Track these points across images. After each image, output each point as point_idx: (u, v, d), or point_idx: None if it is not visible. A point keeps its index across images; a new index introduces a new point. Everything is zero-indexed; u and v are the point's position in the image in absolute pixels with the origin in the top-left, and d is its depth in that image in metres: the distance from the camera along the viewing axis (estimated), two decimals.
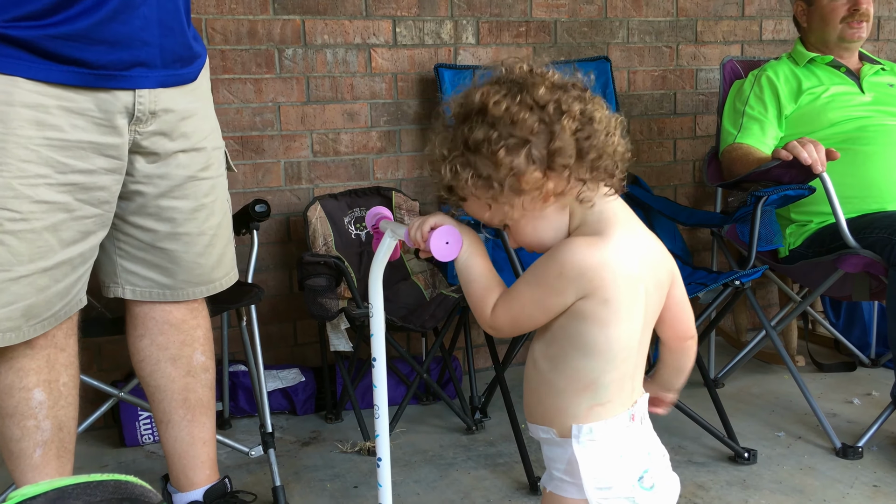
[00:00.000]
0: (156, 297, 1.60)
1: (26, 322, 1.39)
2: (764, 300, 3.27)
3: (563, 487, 1.10)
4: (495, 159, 1.00)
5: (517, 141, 1.00)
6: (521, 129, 1.00)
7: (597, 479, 1.06)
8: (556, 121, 1.00)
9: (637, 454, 1.09)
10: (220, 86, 2.51)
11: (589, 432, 1.06)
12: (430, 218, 1.10)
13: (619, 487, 1.06)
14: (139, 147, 1.48)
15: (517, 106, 1.00)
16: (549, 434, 1.10)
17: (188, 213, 1.56)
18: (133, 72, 1.42)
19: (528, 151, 1.01)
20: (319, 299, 2.28)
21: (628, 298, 1.03)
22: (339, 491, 2.02)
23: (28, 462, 1.47)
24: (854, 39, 2.53)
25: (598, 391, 1.06)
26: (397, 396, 2.47)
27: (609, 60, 2.80)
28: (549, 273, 1.03)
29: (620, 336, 1.04)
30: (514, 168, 1.00)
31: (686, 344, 1.21)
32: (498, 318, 1.08)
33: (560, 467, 1.10)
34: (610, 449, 1.07)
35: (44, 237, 1.38)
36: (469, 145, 1.02)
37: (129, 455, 2.31)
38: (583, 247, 1.02)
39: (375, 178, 2.74)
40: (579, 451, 1.06)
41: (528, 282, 1.06)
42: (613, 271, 1.01)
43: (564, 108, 1.01)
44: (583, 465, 1.06)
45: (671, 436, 2.27)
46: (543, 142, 1.01)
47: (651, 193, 2.69)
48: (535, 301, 1.04)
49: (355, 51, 2.67)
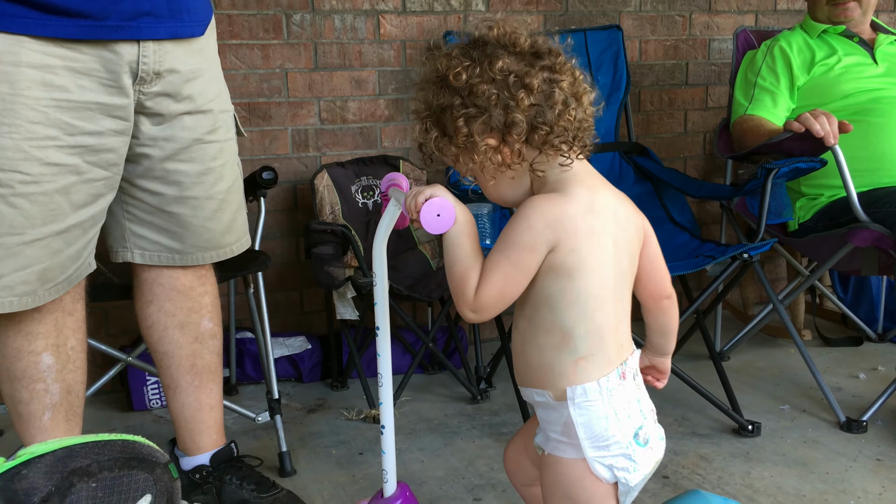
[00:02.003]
0: (165, 261, 1.60)
1: (42, 286, 1.40)
2: (772, 274, 3.26)
3: (561, 448, 1.12)
4: (455, 125, 1.08)
5: (476, 111, 1.07)
6: (480, 99, 1.06)
7: (593, 439, 1.09)
8: (513, 95, 1.06)
9: (631, 412, 1.12)
10: (228, 51, 2.49)
11: (583, 393, 1.09)
12: (426, 189, 1.11)
13: (616, 445, 1.09)
14: (144, 108, 1.47)
15: (477, 78, 1.06)
16: (543, 397, 1.13)
17: (195, 177, 1.55)
18: (138, 22, 1.40)
19: (485, 121, 1.07)
20: (326, 268, 2.29)
21: (595, 249, 1.08)
22: (344, 457, 2.03)
23: (37, 424, 1.49)
24: (841, 19, 2.50)
25: (576, 343, 1.09)
26: (403, 365, 2.48)
27: (621, 29, 2.76)
28: (518, 231, 1.07)
29: (589, 287, 1.08)
30: (470, 135, 1.07)
31: (662, 303, 1.23)
32: (482, 296, 1.09)
33: (557, 429, 1.12)
34: (604, 408, 1.09)
35: (55, 200, 1.38)
36: (435, 108, 1.10)
37: (136, 419, 2.33)
38: (543, 202, 1.08)
39: (383, 147, 2.73)
40: (575, 412, 1.09)
41: (500, 249, 1.09)
42: (574, 223, 1.07)
43: (526, 82, 1.06)
44: (579, 426, 1.09)
45: (675, 407, 2.28)
46: (501, 113, 1.06)
47: (660, 165, 2.67)
48: (513, 263, 1.07)
49: (364, 17, 2.64)
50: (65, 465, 1.00)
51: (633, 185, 2.64)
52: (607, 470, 1.10)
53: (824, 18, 2.53)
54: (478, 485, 1.86)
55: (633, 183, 2.64)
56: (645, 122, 3.04)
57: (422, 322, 2.77)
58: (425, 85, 1.12)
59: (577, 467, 1.11)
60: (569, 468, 1.12)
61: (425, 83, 1.12)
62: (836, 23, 2.52)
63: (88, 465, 1.00)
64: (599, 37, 2.76)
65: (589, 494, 1.12)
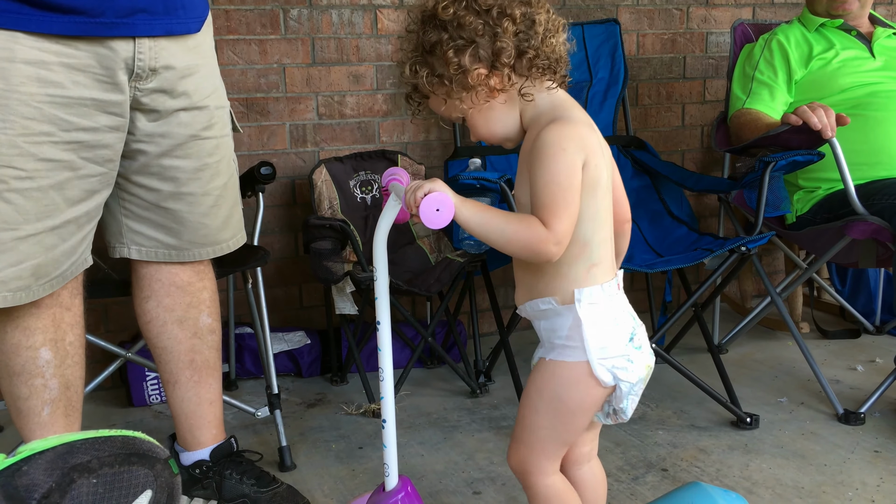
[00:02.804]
0: (161, 257, 1.60)
1: (36, 281, 1.40)
2: (770, 267, 3.27)
3: (565, 353, 1.20)
4: (445, 59, 1.14)
5: (464, 42, 1.14)
6: (467, 31, 1.14)
7: (598, 338, 1.18)
8: (499, 24, 1.13)
9: (625, 318, 1.22)
10: (225, 46, 2.49)
11: (589, 295, 1.18)
12: (425, 184, 1.14)
13: (615, 347, 1.19)
14: (139, 104, 1.47)
15: (464, 10, 1.14)
16: (549, 304, 1.20)
17: (191, 173, 1.55)
18: (134, 18, 1.40)
19: (473, 51, 1.14)
20: (325, 262, 2.29)
21: (604, 163, 1.17)
22: (344, 451, 2.04)
23: (36, 420, 1.49)
24: (840, 12, 2.50)
25: (592, 250, 1.18)
26: (402, 360, 2.48)
27: (618, 23, 2.76)
28: (555, 159, 1.12)
29: (604, 199, 1.18)
30: (461, 66, 1.14)
31: (625, 227, 1.32)
32: (559, 228, 1.11)
33: (562, 334, 1.20)
34: (605, 313, 1.19)
35: (50, 195, 1.38)
36: (425, 47, 1.16)
37: (136, 415, 2.33)
38: (558, 127, 1.13)
39: (381, 142, 2.73)
40: (583, 312, 1.17)
41: (549, 181, 1.12)
42: (590, 140, 1.15)
43: (508, 12, 1.14)
44: (586, 324, 1.17)
45: (674, 400, 2.28)
46: (488, 42, 1.14)
47: (658, 158, 2.67)
48: (566, 187, 1.12)
49: (361, 11, 2.63)
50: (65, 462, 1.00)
51: (632, 179, 2.64)
52: (608, 372, 1.18)
53: (822, 12, 2.53)
54: (477, 478, 1.87)
55: (632, 177, 2.65)
56: (643, 116, 3.04)
57: (421, 316, 2.78)
58: (412, 28, 1.19)
59: (578, 369, 1.19)
60: (569, 370, 1.20)
61: (411, 28, 1.19)
62: (834, 16, 2.52)
63: (89, 462, 1.01)
64: (597, 30, 2.75)
65: (581, 396, 1.20)
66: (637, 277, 2.93)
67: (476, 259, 2.35)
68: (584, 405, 1.21)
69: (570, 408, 1.21)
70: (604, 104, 2.72)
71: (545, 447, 1.24)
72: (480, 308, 2.74)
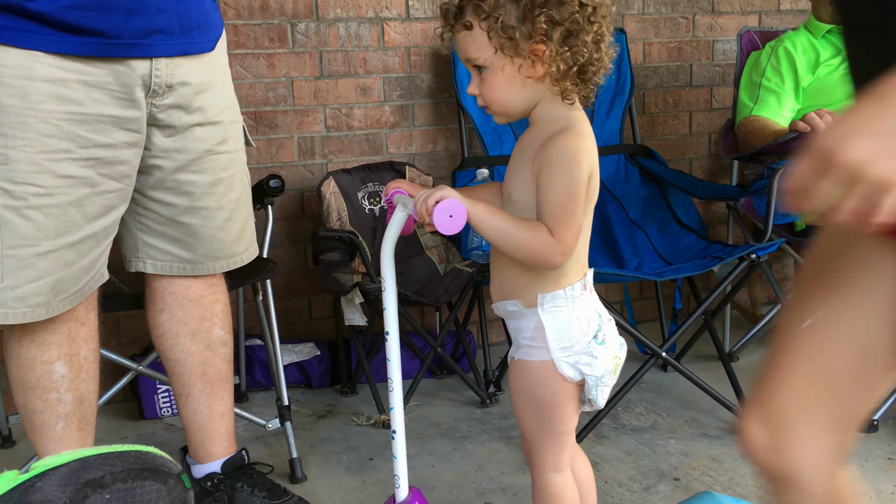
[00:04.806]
0: (176, 271, 1.62)
1: (55, 297, 1.41)
2: (780, 274, 3.25)
3: (531, 352, 1.25)
4: (534, 20, 1.12)
5: (558, 20, 1.13)
6: (561, 12, 1.12)
7: (559, 340, 1.22)
8: (586, 26, 1.14)
9: (591, 317, 1.25)
10: (234, 61, 2.51)
11: (552, 299, 1.22)
12: (436, 191, 1.15)
13: (578, 345, 1.23)
14: (155, 120, 1.48)
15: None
16: (516, 306, 1.24)
17: (206, 188, 1.57)
18: (150, 39, 1.42)
19: (551, 31, 1.12)
20: (334, 274, 2.29)
21: (595, 176, 1.20)
22: (354, 463, 2.04)
23: (50, 434, 1.50)
24: None
25: (569, 261, 1.19)
26: (412, 370, 2.48)
27: (624, 32, 2.77)
28: (569, 170, 1.15)
29: (590, 213, 1.22)
30: (533, 34, 1.12)
31: None
32: (565, 237, 1.15)
33: (527, 335, 1.24)
34: (568, 314, 1.22)
35: (69, 212, 1.40)
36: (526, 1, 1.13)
37: (148, 427, 2.34)
38: (575, 139, 1.17)
39: (389, 153, 2.74)
40: (545, 317, 1.22)
41: (563, 192, 1.15)
42: (595, 155, 1.20)
43: (597, 20, 1.15)
44: (548, 328, 1.21)
45: (685, 409, 2.27)
46: (570, 33, 1.14)
47: (666, 166, 2.67)
48: (575, 198, 1.15)
49: (368, 24, 2.65)
50: (79, 477, 1.00)
51: (639, 187, 2.64)
52: (572, 368, 1.22)
53: (828, 18, 2.53)
54: (488, 489, 1.87)
55: (639, 185, 2.64)
56: (650, 124, 3.04)
57: (430, 326, 2.78)
58: None
59: (543, 368, 1.23)
60: (536, 369, 1.24)
61: None
62: None
63: (102, 477, 1.01)
64: None
65: (552, 392, 1.24)
66: (647, 285, 2.92)
67: (484, 269, 2.36)
68: (556, 399, 1.25)
69: (546, 402, 1.25)
70: (610, 113, 2.72)
71: (537, 440, 1.29)
72: (489, 318, 2.73)
